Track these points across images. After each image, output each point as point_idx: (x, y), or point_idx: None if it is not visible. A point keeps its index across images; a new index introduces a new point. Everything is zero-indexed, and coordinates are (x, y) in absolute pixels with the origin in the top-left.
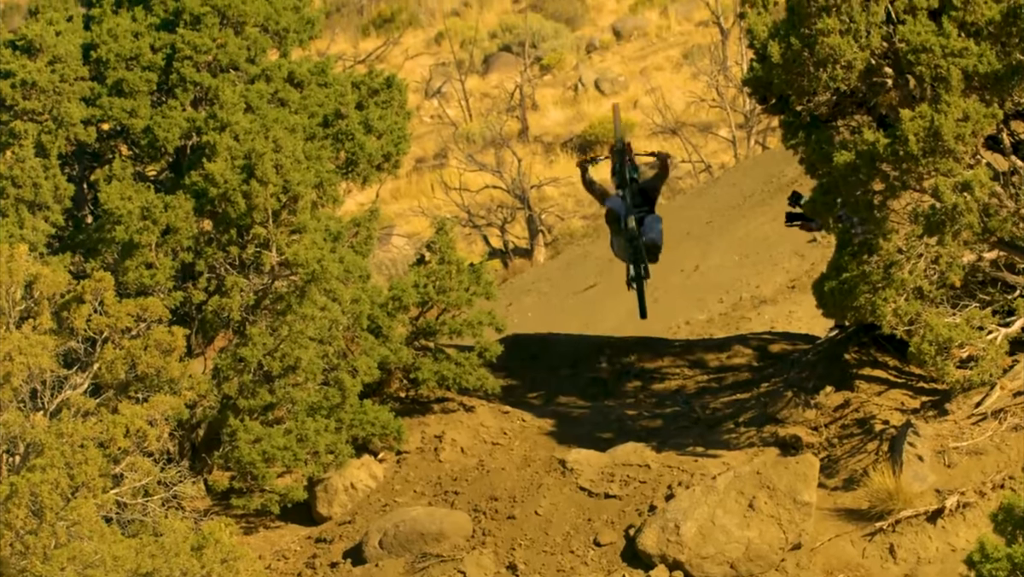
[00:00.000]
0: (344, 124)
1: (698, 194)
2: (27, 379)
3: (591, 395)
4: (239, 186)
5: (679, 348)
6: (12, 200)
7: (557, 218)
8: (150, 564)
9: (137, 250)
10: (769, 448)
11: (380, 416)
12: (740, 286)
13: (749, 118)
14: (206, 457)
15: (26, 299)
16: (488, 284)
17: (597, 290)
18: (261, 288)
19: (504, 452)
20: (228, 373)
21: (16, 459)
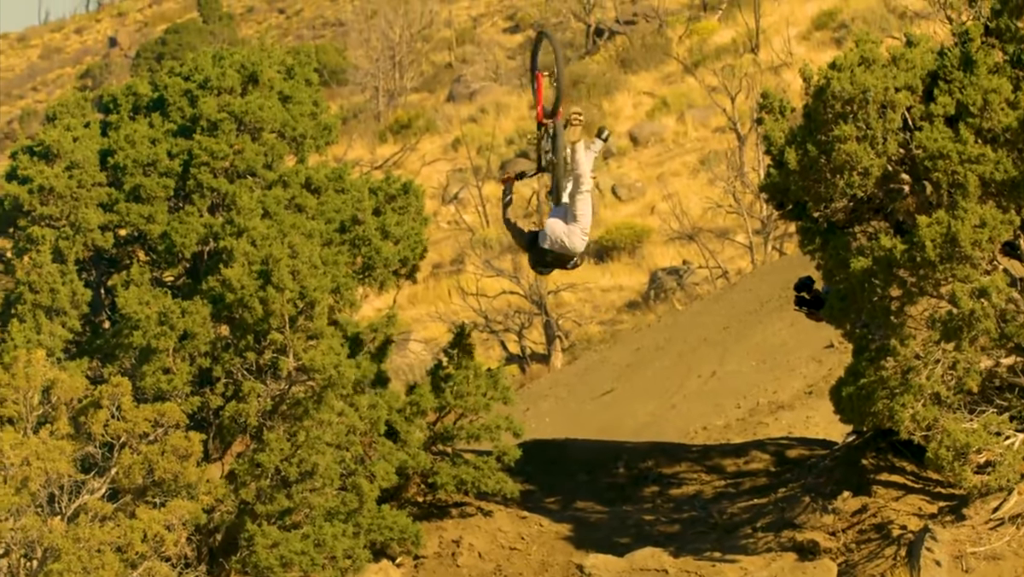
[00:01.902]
0: (361, 229)
1: (715, 300)
2: (45, 484)
3: (609, 500)
4: (256, 292)
5: (696, 453)
6: (29, 305)
7: (574, 323)
8: None
9: (154, 355)
10: (787, 553)
11: (398, 521)
12: (757, 391)
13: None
14: (224, 562)
15: (44, 404)
16: (506, 389)
17: (614, 395)
18: (278, 393)
19: (522, 557)
20: (245, 478)
21: (34, 564)
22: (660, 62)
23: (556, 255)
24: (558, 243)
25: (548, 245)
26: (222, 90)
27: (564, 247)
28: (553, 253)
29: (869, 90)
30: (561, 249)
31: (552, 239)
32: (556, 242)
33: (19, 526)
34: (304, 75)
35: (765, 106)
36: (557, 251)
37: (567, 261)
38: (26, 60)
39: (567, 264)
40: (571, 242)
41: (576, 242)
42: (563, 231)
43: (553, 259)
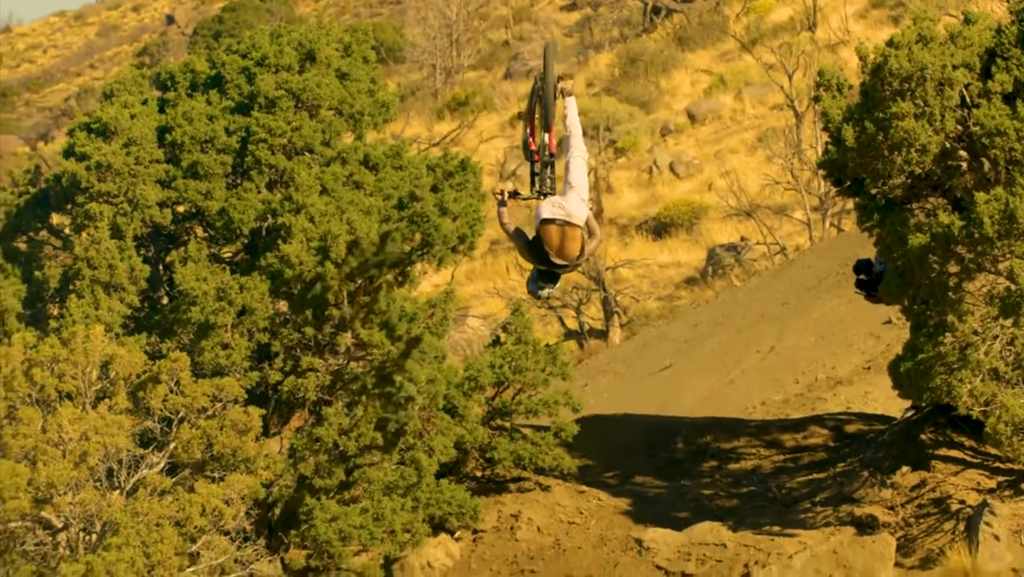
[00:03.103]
0: (419, 206)
1: (773, 276)
2: (104, 458)
3: (667, 475)
4: (315, 267)
5: (755, 428)
6: (88, 281)
7: (632, 299)
8: None
9: (213, 331)
10: (845, 527)
11: (456, 495)
12: (816, 367)
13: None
14: (283, 536)
15: (102, 379)
16: (564, 364)
17: (673, 371)
18: (337, 368)
19: (580, 531)
20: (304, 453)
21: (93, 538)
22: (717, 40)
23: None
24: (559, 212)
25: (549, 213)
26: (280, 67)
27: (566, 213)
28: (548, 258)
29: (927, 68)
30: (566, 216)
31: (550, 211)
32: (555, 211)
33: (78, 500)
34: (361, 53)
35: (822, 84)
36: (560, 222)
37: (570, 260)
38: (83, 38)
39: (571, 263)
40: (570, 207)
41: (575, 206)
42: (559, 200)
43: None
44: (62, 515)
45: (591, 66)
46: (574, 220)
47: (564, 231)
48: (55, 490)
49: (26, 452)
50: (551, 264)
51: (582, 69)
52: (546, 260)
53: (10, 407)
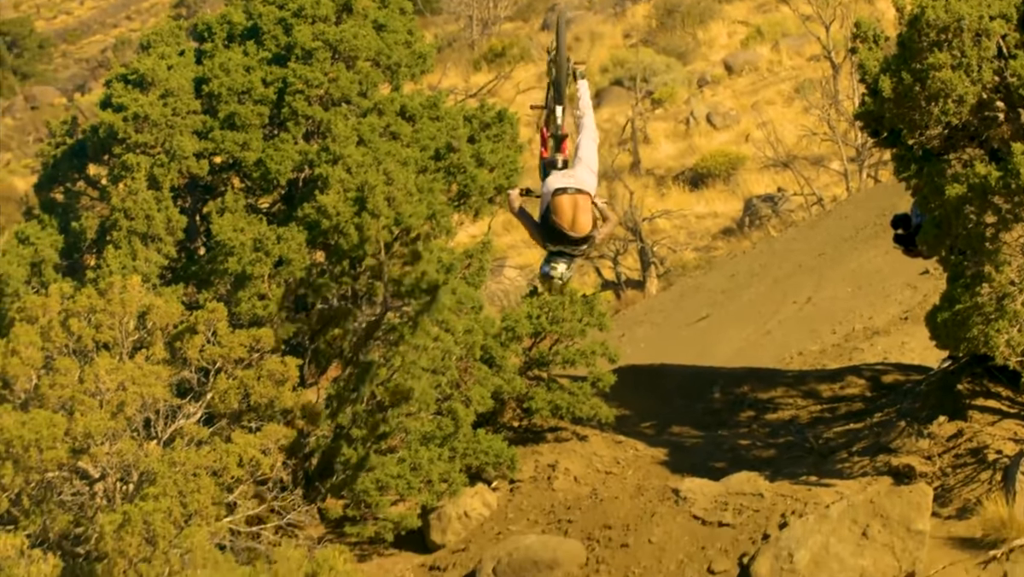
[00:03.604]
0: (456, 158)
1: (810, 226)
2: (141, 408)
3: (704, 425)
4: (351, 218)
5: (792, 378)
6: (125, 232)
7: (669, 250)
8: None
9: (250, 281)
10: (882, 477)
11: (494, 445)
12: (853, 317)
13: (861, 151)
14: (319, 485)
15: (139, 330)
16: (601, 315)
17: (710, 321)
18: (374, 318)
19: (617, 481)
20: (341, 403)
21: (130, 487)
22: None
23: (566, 235)
24: (569, 181)
25: (560, 183)
26: (316, 18)
27: (576, 181)
28: (560, 231)
29: (964, 18)
30: (577, 184)
31: (561, 181)
32: (565, 180)
33: (115, 450)
34: (398, 4)
35: (859, 35)
36: (571, 191)
37: (583, 233)
38: None
39: (584, 237)
40: (579, 176)
41: (584, 175)
42: (567, 171)
43: (563, 238)
44: (99, 465)
45: (628, 17)
46: (585, 188)
47: (576, 200)
48: (92, 440)
49: (63, 402)
50: (564, 239)
51: (619, 20)
52: (558, 235)
53: (47, 357)
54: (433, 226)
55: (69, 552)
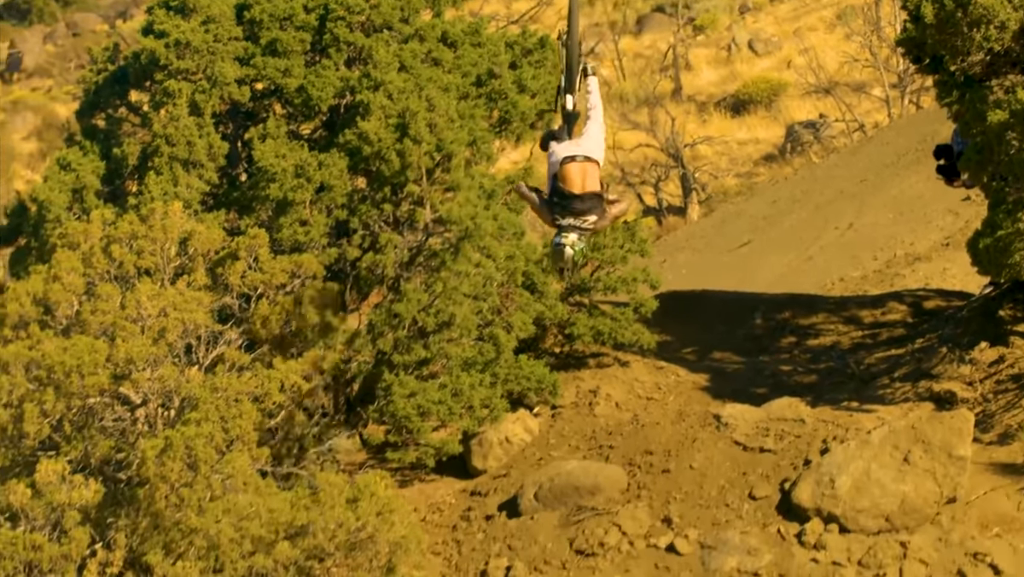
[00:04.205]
0: (497, 83)
1: (852, 152)
2: (182, 334)
3: (745, 351)
4: (393, 144)
5: (833, 304)
6: (166, 158)
7: (711, 176)
8: (305, 517)
9: (291, 207)
10: (924, 403)
11: (535, 371)
12: (894, 243)
13: (903, 78)
14: (361, 411)
15: (181, 256)
16: (643, 241)
17: (751, 247)
18: (415, 245)
19: (659, 407)
20: (383, 329)
21: (171, 413)
22: None
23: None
24: (577, 149)
25: (568, 152)
26: None
27: (584, 150)
28: (570, 195)
29: None
30: (584, 152)
31: (568, 150)
32: (573, 149)
33: (156, 376)
34: None
35: None
36: (580, 159)
37: (588, 206)
38: None
39: (595, 203)
40: (587, 145)
41: (591, 144)
42: (574, 141)
43: (573, 202)
44: (141, 391)
45: None
46: (593, 156)
47: (584, 167)
48: (134, 366)
49: (105, 328)
50: (573, 203)
51: None
52: (567, 201)
53: (89, 284)
54: (474, 152)
55: (110, 478)
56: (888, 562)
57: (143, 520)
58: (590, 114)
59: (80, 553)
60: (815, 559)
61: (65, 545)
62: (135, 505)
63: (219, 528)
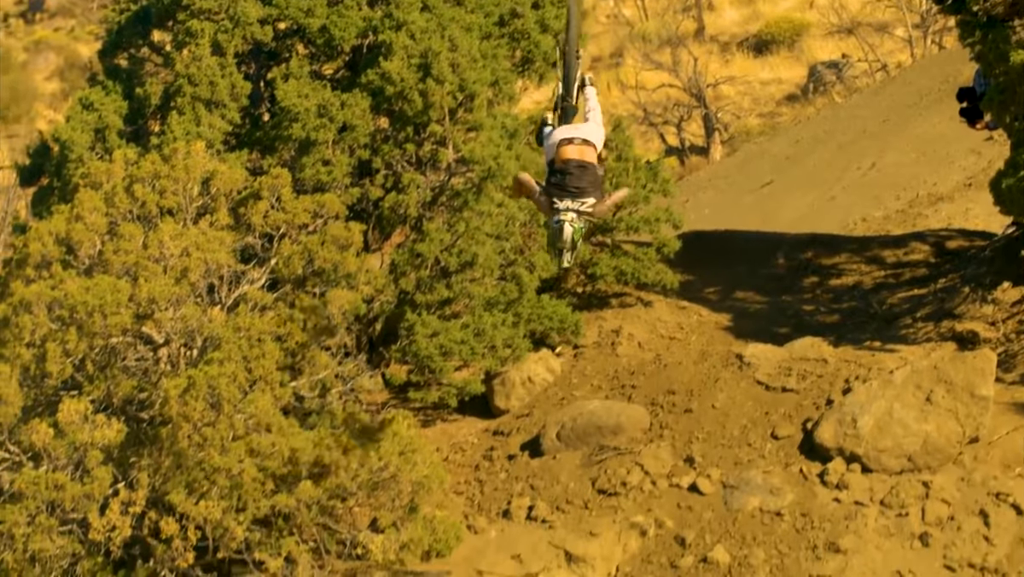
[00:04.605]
0: (520, 23)
1: (874, 93)
2: (205, 274)
3: (768, 290)
4: (415, 84)
5: (856, 244)
6: (189, 98)
7: (733, 116)
8: (328, 456)
9: (314, 147)
10: (946, 343)
11: (558, 310)
12: (917, 183)
13: (925, 18)
14: (383, 351)
15: (203, 195)
16: (665, 181)
17: (774, 187)
18: (438, 185)
19: (681, 346)
20: (405, 268)
21: (193, 353)
22: None
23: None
24: (575, 132)
25: (566, 135)
26: None
27: (582, 133)
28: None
29: None
30: (583, 136)
31: (567, 132)
32: (571, 132)
33: (179, 316)
34: None
35: None
36: (578, 141)
37: (586, 184)
38: None
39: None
40: (585, 129)
41: (590, 128)
42: (572, 125)
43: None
44: (163, 330)
45: None
46: (591, 140)
47: (582, 149)
48: (156, 306)
49: (127, 268)
50: (570, 182)
51: None
52: (565, 180)
53: (111, 223)
54: (497, 92)
55: (133, 417)
56: (910, 502)
57: (166, 459)
58: (588, 116)
59: (102, 492)
60: (837, 499)
61: (87, 484)
62: (157, 444)
63: (242, 467)
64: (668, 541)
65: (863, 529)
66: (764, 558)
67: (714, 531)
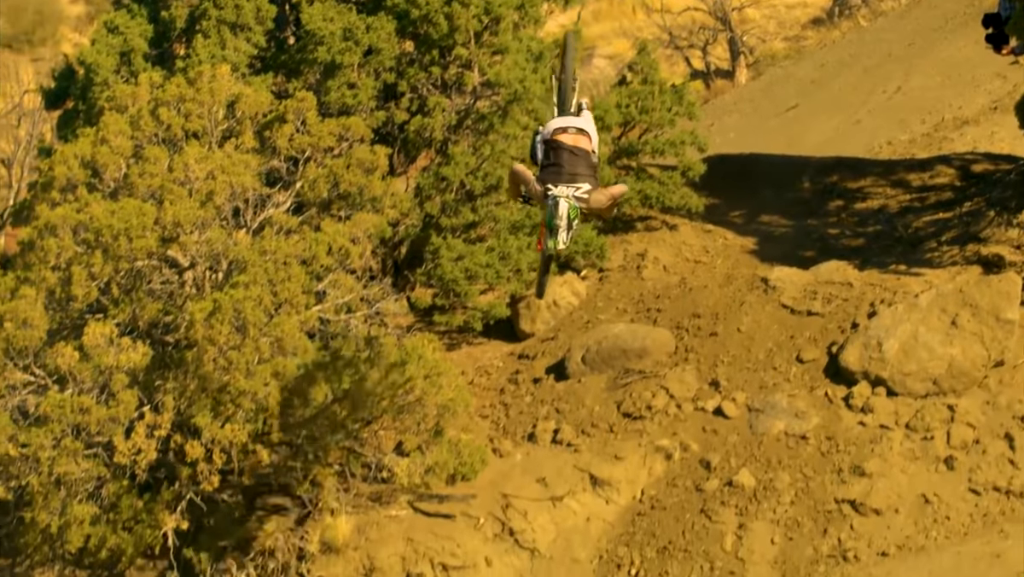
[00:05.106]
0: None
1: (900, 16)
2: (230, 197)
3: (793, 214)
4: (441, 7)
5: (881, 168)
6: (214, 21)
7: (759, 40)
8: (353, 379)
9: (339, 71)
10: (971, 267)
11: (583, 234)
12: (942, 107)
13: None
14: (408, 275)
15: (228, 119)
16: (690, 104)
17: (799, 111)
18: (463, 108)
19: (706, 270)
20: (430, 192)
21: (219, 276)
22: None
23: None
24: (569, 122)
25: (560, 124)
26: None
27: (576, 123)
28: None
29: None
30: (577, 126)
31: (561, 122)
32: (566, 122)
33: (204, 239)
34: None
35: None
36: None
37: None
38: None
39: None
40: (580, 121)
41: (583, 122)
42: (567, 117)
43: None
44: (188, 254)
45: None
46: (587, 130)
47: (577, 138)
48: (181, 229)
49: (152, 191)
50: (564, 164)
51: None
52: (559, 162)
53: (136, 146)
54: (522, 15)
55: (158, 340)
56: (936, 425)
57: (191, 383)
58: None
59: (128, 416)
60: (863, 422)
61: (113, 408)
62: (183, 368)
63: (267, 391)
64: (693, 465)
65: (888, 453)
66: (789, 482)
67: (739, 455)
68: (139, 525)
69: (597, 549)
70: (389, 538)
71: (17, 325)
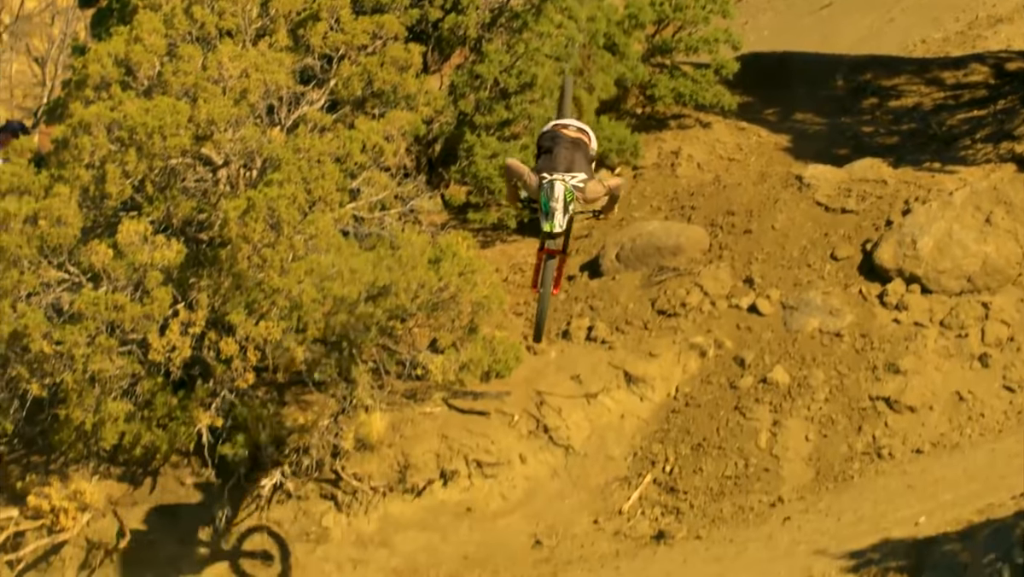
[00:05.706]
0: None
1: None
2: (264, 95)
3: (827, 112)
4: None
5: (915, 66)
6: None
7: None
8: (387, 277)
9: None
10: (1006, 164)
11: (617, 132)
12: (976, 5)
13: None
14: (443, 172)
15: (263, 17)
16: (724, 2)
17: (834, 8)
18: (497, 6)
19: (740, 167)
20: (464, 89)
21: (253, 174)
22: None
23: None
24: (570, 122)
25: (560, 121)
26: None
27: (576, 123)
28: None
29: None
30: (578, 125)
31: (559, 122)
32: (566, 122)
33: (238, 137)
34: None
35: None
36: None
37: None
38: None
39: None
40: (580, 123)
41: (583, 125)
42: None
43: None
44: (222, 152)
45: None
46: (586, 129)
47: (577, 132)
48: (215, 127)
49: (186, 89)
50: (560, 153)
51: None
52: (555, 151)
53: (170, 45)
54: None
55: (192, 238)
56: (970, 323)
57: (225, 280)
58: None
59: (162, 313)
60: (897, 320)
61: (147, 305)
62: (217, 266)
63: (301, 288)
64: (727, 362)
65: (922, 350)
66: (823, 379)
67: (773, 352)
68: (173, 422)
69: (631, 446)
70: (423, 435)
71: (51, 223)
